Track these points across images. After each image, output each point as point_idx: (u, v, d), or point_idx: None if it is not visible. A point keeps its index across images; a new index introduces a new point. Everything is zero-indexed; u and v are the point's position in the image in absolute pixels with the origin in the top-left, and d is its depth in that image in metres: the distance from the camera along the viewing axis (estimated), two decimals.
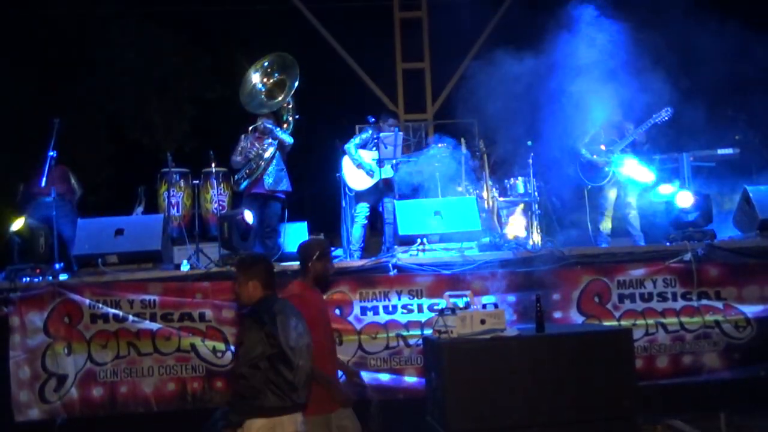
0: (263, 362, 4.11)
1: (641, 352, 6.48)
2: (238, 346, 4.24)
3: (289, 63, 7.96)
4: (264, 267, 4.44)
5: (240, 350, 4.19)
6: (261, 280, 4.36)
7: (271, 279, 4.44)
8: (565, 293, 6.60)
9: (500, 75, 8.35)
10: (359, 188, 8.41)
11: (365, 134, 8.54)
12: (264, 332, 4.13)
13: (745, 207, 7.34)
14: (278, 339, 4.15)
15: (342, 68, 12.17)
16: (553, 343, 5.06)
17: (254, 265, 4.44)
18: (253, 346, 4.12)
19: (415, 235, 7.01)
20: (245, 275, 4.36)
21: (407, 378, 6.45)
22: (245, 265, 4.45)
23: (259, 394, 4.11)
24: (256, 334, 4.14)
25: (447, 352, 4.89)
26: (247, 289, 4.34)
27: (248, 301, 4.35)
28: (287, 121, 8.03)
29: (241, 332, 4.26)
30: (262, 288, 4.35)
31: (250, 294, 4.34)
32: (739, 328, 6.63)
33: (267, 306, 4.29)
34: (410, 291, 6.55)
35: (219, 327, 6.41)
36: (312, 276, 4.96)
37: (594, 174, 8.24)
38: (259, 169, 7.81)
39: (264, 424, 4.11)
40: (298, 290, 4.90)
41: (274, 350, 4.14)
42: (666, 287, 6.66)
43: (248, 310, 4.32)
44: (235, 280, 4.42)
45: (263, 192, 7.82)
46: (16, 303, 6.34)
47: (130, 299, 6.42)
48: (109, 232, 6.90)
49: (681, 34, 8.64)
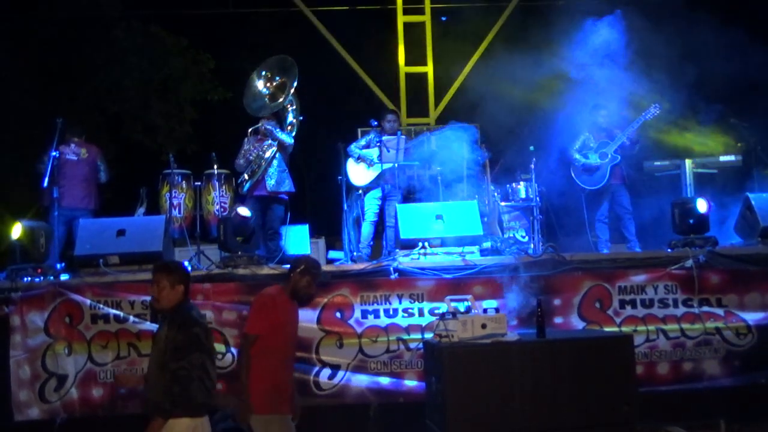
0: (196, 360, 4.26)
1: (642, 359, 6.47)
2: (168, 345, 4.32)
3: (289, 65, 7.97)
4: (187, 273, 4.62)
5: (170, 348, 4.29)
6: (185, 284, 4.52)
7: (189, 285, 4.61)
8: (566, 299, 6.59)
9: (503, 80, 8.38)
10: (364, 182, 8.47)
11: (368, 136, 8.60)
12: (195, 332, 4.32)
13: (746, 214, 7.33)
14: (208, 339, 4.41)
15: (345, 72, 12.17)
16: (553, 349, 5.06)
17: (180, 269, 4.60)
18: (186, 345, 4.27)
19: (417, 238, 7.01)
20: (172, 279, 4.47)
21: (407, 382, 6.44)
22: (171, 269, 4.57)
23: (191, 392, 4.24)
24: (193, 329, 4.32)
25: (447, 356, 4.89)
26: (172, 293, 4.45)
27: (168, 305, 4.46)
28: (291, 123, 8.04)
29: (173, 329, 4.34)
30: (184, 292, 4.50)
31: (174, 298, 4.46)
32: (740, 336, 6.61)
33: (191, 309, 4.51)
34: (411, 295, 6.54)
35: (219, 329, 6.39)
36: (291, 286, 5.06)
37: (589, 178, 8.28)
38: (260, 171, 7.81)
39: (188, 424, 4.25)
40: (274, 291, 5.07)
41: (204, 350, 4.33)
42: (667, 294, 6.65)
43: (176, 312, 4.43)
44: (156, 284, 4.48)
45: (265, 194, 7.82)
46: (17, 303, 6.34)
47: (131, 300, 6.42)
48: (110, 233, 6.90)
49: (682, 41, 8.65)
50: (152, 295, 4.56)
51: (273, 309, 4.94)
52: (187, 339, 4.29)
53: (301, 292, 5.08)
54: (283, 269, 6.76)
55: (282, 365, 5.01)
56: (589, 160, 8.29)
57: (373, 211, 8.47)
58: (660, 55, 8.66)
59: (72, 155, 8.23)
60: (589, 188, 8.32)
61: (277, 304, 4.97)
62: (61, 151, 7.94)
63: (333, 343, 6.44)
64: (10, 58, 12.16)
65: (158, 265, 4.70)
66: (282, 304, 5.00)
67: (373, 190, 8.51)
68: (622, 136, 8.23)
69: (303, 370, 6.33)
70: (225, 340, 6.40)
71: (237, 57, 14.16)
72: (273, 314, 4.92)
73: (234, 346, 6.34)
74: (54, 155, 7.67)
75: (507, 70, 8.55)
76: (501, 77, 8.54)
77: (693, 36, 8.45)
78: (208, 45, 14.15)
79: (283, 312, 4.99)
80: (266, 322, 4.89)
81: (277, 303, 4.97)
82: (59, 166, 7.84)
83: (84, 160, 8.33)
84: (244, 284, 6.55)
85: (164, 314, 4.52)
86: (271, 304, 4.96)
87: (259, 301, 5.06)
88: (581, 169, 8.35)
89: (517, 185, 8.81)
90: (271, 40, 13.65)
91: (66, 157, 8.11)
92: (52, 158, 7.62)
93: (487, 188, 8.50)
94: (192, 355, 4.25)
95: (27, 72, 12.48)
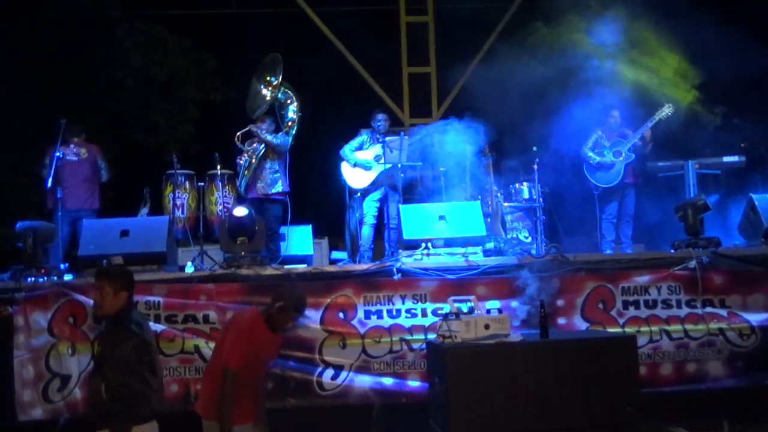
0: (140, 369, 4.20)
1: (645, 359, 6.46)
2: (109, 354, 4.24)
3: (271, 62, 7.98)
4: (131, 278, 4.49)
5: (113, 359, 4.19)
6: (129, 290, 4.40)
7: (133, 291, 4.48)
8: (569, 299, 6.58)
9: (506, 80, 8.38)
10: (361, 186, 8.46)
11: (360, 138, 8.59)
12: (139, 340, 4.23)
13: (750, 215, 7.33)
14: (151, 347, 4.33)
15: (348, 72, 12.18)
16: (557, 349, 5.07)
17: (124, 275, 4.47)
18: (129, 353, 4.18)
19: (420, 239, 7.01)
20: (115, 285, 4.34)
21: (410, 382, 6.43)
22: (115, 275, 4.45)
23: (139, 402, 4.19)
24: (131, 342, 4.21)
25: (451, 356, 4.90)
26: (115, 299, 4.32)
27: (111, 311, 4.33)
28: (291, 119, 8.03)
29: (112, 341, 4.27)
30: (127, 298, 4.38)
31: (117, 304, 4.33)
32: (744, 336, 6.60)
33: (134, 316, 4.40)
34: (414, 295, 6.53)
35: None
36: (267, 318, 5.05)
37: (604, 175, 8.34)
38: (250, 173, 7.85)
39: (146, 430, 4.22)
40: (250, 322, 5.03)
41: (147, 357, 4.25)
42: (670, 294, 6.64)
43: (117, 319, 4.32)
44: (99, 290, 4.35)
45: (257, 196, 7.87)
46: (20, 303, 6.35)
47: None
48: (114, 233, 6.92)
49: (687, 40, 8.65)
50: (94, 301, 4.42)
51: (250, 341, 4.93)
52: (126, 351, 4.18)
53: (277, 328, 5.07)
54: (285, 269, 6.77)
55: (252, 392, 5.03)
56: (604, 158, 8.35)
57: (372, 213, 8.46)
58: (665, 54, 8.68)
59: (72, 156, 8.24)
60: (603, 186, 8.39)
61: (255, 334, 4.96)
62: (62, 152, 7.96)
63: (336, 344, 6.43)
64: (11, 59, 12.18)
65: (101, 271, 4.58)
66: (259, 335, 4.99)
67: (372, 193, 8.50)
68: (636, 135, 8.26)
69: (306, 370, 6.34)
70: None
71: (239, 57, 14.15)
72: (250, 347, 4.92)
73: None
74: (57, 156, 7.69)
75: (510, 70, 8.54)
76: (504, 77, 8.53)
77: (695, 35, 8.45)
78: (211, 45, 14.15)
79: (259, 344, 4.99)
80: (245, 354, 4.89)
81: (254, 334, 4.96)
82: (61, 167, 7.86)
83: (84, 160, 8.33)
84: (248, 285, 6.55)
85: (106, 321, 4.39)
86: (248, 336, 4.94)
87: (237, 330, 5.03)
88: (595, 167, 8.40)
89: (520, 186, 8.81)
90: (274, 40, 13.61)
91: (67, 158, 8.12)
92: (55, 159, 7.64)
93: (490, 189, 8.50)
94: (131, 368, 4.16)
95: (28, 72, 12.50)
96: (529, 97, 8.77)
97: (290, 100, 8.02)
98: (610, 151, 8.37)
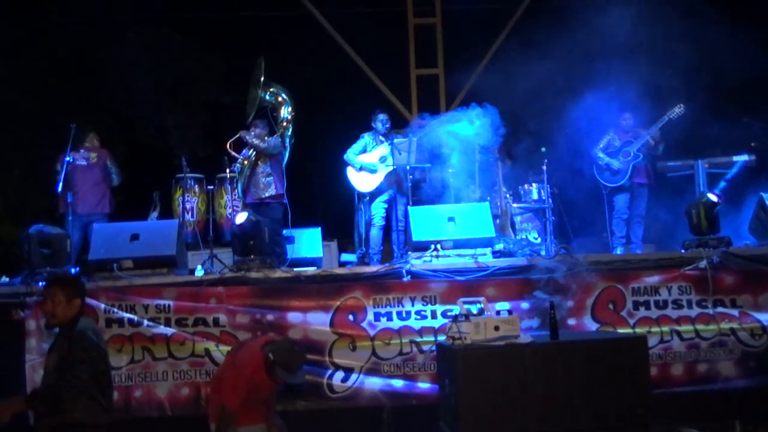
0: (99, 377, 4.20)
1: (656, 360, 6.44)
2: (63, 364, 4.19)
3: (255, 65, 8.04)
4: (83, 285, 4.46)
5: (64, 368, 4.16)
6: (82, 298, 4.36)
7: (86, 298, 4.45)
8: (579, 300, 6.57)
9: (514, 81, 8.38)
10: (368, 189, 8.46)
11: (362, 141, 8.59)
12: (95, 348, 4.21)
13: (760, 214, 7.29)
14: (107, 356, 4.33)
15: (356, 74, 12.17)
16: (567, 351, 5.05)
17: (76, 282, 4.44)
18: (83, 361, 4.14)
19: (429, 241, 7.01)
20: (67, 292, 4.30)
21: (420, 384, 6.44)
22: (67, 282, 4.41)
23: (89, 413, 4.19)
24: (87, 350, 4.18)
25: (460, 358, 4.89)
26: (68, 307, 4.28)
27: (65, 319, 4.29)
28: (285, 119, 8.04)
29: (67, 349, 4.20)
30: (80, 306, 4.34)
31: (71, 311, 4.29)
32: (755, 336, 6.57)
33: (88, 323, 4.37)
34: (424, 297, 6.53)
35: (233, 332, 6.42)
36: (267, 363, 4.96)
37: (612, 176, 8.37)
38: (244, 179, 7.89)
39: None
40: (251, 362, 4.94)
41: (103, 366, 4.26)
42: (681, 295, 6.62)
43: (70, 328, 4.28)
44: (50, 298, 4.29)
45: (253, 201, 7.94)
46: (32, 307, 6.38)
47: (145, 304, 6.45)
48: (124, 237, 6.95)
49: (697, 40, 8.63)
50: (46, 310, 4.35)
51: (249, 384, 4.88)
52: (80, 360, 4.14)
53: (271, 377, 4.98)
54: (295, 272, 6.79)
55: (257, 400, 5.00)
56: (613, 160, 8.39)
57: (381, 215, 8.46)
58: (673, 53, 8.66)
59: (82, 160, 8.26)
60: (611, 185, 8.44)
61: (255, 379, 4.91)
62: (72, 156, 7.99)
63: (346, 346, 6.44)
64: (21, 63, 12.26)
65: (53, 278, 4.52)
66: (259, 379, 4.93)
67: (380, 195, 8.50)
68: (646, 135, 8.29)
69: (316, 373, 6.35)
70: None
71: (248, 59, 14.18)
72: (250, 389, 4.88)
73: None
74: (67, 161, 7.73)
75: (519, 71, 8.54)
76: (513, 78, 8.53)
77: (705, 33, 8.43)
78: (220, 47, 14.19)
79: (260, 386, 4.96)
80: (245, 396, 4.86)
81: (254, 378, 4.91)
82: (71, 172, 7.89)
83: (94, 165, 8.34)
84: (258, 287, 6.57)
85: (60, 329, 4.34)
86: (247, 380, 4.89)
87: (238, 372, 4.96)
88: (604, 167, 8.46)
89: (529, 186, 8.80)
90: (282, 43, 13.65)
91: (77, 162, 8.15)
92: (65, 164, 7.68)
93: (498, 190, 8.49)
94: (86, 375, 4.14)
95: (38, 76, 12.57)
96: (538, 97, 8.76)
97: (282, 100, 8.04)
98: (620, 152, 8.39)
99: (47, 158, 8.59)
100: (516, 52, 8.94)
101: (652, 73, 8.67)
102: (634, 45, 8.73)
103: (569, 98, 8.70)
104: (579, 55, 8.67)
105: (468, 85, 11.60)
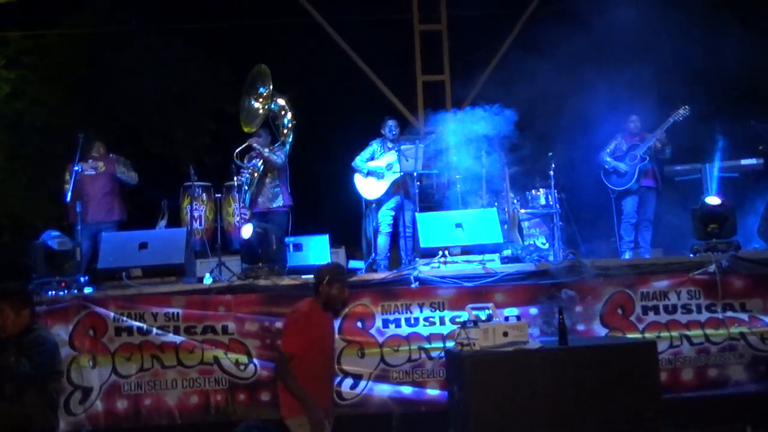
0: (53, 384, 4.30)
1: (666, 365, 6.41)
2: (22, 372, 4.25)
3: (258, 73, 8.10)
4: (29, 295, 4.57)
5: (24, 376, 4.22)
6: (31, 308, 4.45)
7: (35, 307, 4.52)
8: (587, 305, 6.56)
9: (520, 86, 8.38)
10: (375, 196, 8.48)
11: (370, 148, 8.62)
12: (50, 355, 4.30)
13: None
14: (61, 362, 4.44)
15: (362, 81, 12.19)
16: (576, 356, 5.05)
17: (20, 293, 4.51)
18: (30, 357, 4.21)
19: (437, 247, 7.02)
20: (17, 304, 4.36)
21: (429, 390, 6.43)
22: (12, 294, 4.46)
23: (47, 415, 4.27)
24: (41, 357, 4.26)
25: (469, 364, 4.89)
26: (18, 318, 4.35)
27: (15, 330, 4.34)
28: (286, 127, 8.06)
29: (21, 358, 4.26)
30: (30, 316, 4.41)
31: (21, 322, 4.35)
32: (765, 341, 6.54)
33: (42, 332, 4.45)
34: (432, 303, 6.53)
35: (242, 340, 6.43)
36: (322, 299, 4.97)
37: (618, 179, 8.38)
38: (251, 188, 7.91)
39: None
40: (307, 308, 4.94)
41: (58, 372, 4.37)
42: (690, 299, 6.60)
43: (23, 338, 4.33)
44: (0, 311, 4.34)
45: (260, 211, 7.98)
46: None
47: (154, 312, 6.46)
48: (132, 246, 6.98)
49: (703, 44, 8.62)
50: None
51: (307, 326, 4.85)
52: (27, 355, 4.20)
53: (334, 301, 4.99)
54: (302, 279, 6.79)
55: (319, 380, 4.90)
56: (620, 164, 8.42)
57: (387, 222, 8.46)
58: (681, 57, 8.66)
59: (91, 170, 8.25)
60: (619, 189, 8.46)
61: (311, 320, 4.88)
62: (81, 166, 8.02)
63: (354, 353, 6.44)
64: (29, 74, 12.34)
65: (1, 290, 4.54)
66: (317, 320, 4.92)
67: (387, 202, 8.50)
68: (652, 138, 8.30)
69: None
70: (247, 351, 6.43)
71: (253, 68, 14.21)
72: (307, 331, 4.83)
73: (257, 357, 6.37)
74: (76, 170, 7.76)
75: (525, 76, 8.55)
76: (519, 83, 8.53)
77: (713, 36, 8.42)
78: (226, 56, 14.24)
79: (318, 328, 4.92)
80: (301, 339, 4.80)
81: (311, 320, 4.88)
82: (80, 182, 7.92)
83: (102, 174, 8.32)
84: (266, 295, 6.58)
85: (14, 338, 4.36)
86: (305, 322, 4.86)
87: (293, 317, 4.99)
88: (611, 171, 8.52)
89: (536, 192, 8.80)
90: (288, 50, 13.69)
91: (86, 172, 8.16)
92: (74, 173, 7.71)
93: (506, 195, 8.48)
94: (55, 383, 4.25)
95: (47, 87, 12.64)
96: (545, 102, 8.76)
97: (284, 110, 8.06)
98: (627, 155, 8.40)
99: (56, 169, 8.61)
100: (522, 57, 8.94)
101: (658, 76, 8.65)
102: (640, 49, 8.71)
103: (576, 102, 8.70)
104: (585, 60, 8.66)
105: (474, 91, 11.60)
